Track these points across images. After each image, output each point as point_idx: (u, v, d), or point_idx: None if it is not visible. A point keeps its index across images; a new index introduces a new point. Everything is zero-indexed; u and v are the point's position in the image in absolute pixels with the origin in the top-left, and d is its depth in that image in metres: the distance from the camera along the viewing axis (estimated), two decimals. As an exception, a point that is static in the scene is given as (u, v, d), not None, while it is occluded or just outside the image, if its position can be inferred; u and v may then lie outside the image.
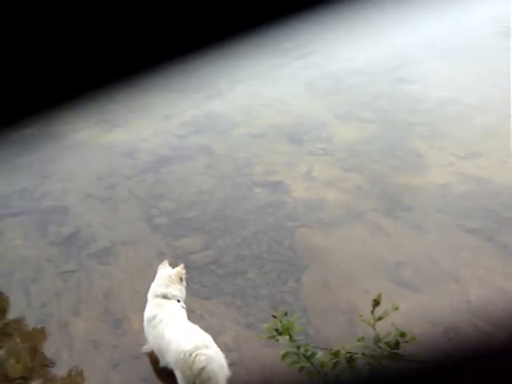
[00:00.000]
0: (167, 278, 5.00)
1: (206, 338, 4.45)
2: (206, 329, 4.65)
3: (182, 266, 5.14)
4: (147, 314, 4.88)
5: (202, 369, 4.22)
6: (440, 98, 9.47)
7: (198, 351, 4.26)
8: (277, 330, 3.04)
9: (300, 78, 11.23)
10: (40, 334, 5.75)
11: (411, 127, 8.83)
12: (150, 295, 5.02)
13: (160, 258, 6.29)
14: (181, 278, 5.05)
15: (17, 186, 8.45)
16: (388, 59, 11.40)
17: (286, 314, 3.08)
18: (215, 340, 4.50)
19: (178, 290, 5.01)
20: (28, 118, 8.59)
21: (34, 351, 5.52)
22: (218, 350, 4.42)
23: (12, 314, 6.06)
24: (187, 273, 5.65)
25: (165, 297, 4.92)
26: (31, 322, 5.90)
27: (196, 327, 4.64)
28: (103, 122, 10.08)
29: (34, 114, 8.52)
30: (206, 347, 4.32)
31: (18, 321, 5.95)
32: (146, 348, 5.06)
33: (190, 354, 4.26)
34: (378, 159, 8.08)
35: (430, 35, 11.74)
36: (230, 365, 4.50)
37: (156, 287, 4.99)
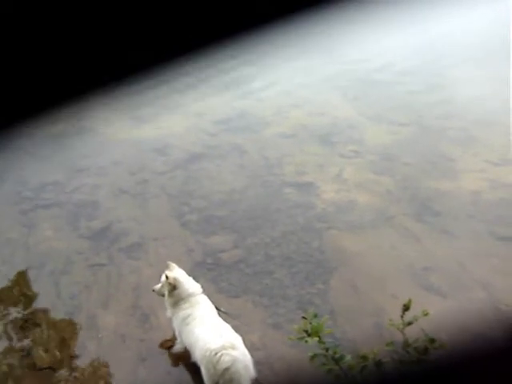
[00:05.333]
0: (183, 279, 5.02)
1: (235, 339, 4.45)
2: (233, 327, 4.66)
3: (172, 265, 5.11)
4: (182, 313, 4.88)
5: (226, 369, 4.23)
6: (474, 102, 9.37)
7: (224, 351, 4.27)
8: (306, 332, 3.05)
9: (333, 79, 11.19)
10: (68, 325, 5.80)
11: (444, 131, 8.76)
12: (171, 300, 5.00)
13: (189, 254, 6.35)
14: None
15: (49, 178, 8.55)
16: (420, 60, 11.33)
17: (315, 316, 3.09)
18: (242, 339, 4.52)
19: (198, 286, 5.06)
20: (63, 113, 8.71)
21: (62, 342, 5.58)
22: (245, 351, 4.42)
23: (41, 305, 6.12)
24: (216, 270, 5.70)
25: (191, 295, 4.96)
26: (60, 314, 5.96)
27: (227, 326, 4.66)
28: (136, 118, 10.15)
29: (68, 109, 8.64)
30: (233, 348, 4.32)
31: (47, 311, 6.02)
32: (178, 348, 5.09)
33: (216, 353, 4.27)
34: (409, 163, 8.03)
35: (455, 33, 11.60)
36: (256, 364, 4.50)
37: (181, 291, 4.99)
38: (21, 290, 6.39)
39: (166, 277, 4.94)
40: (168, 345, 5.28)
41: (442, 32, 11.74)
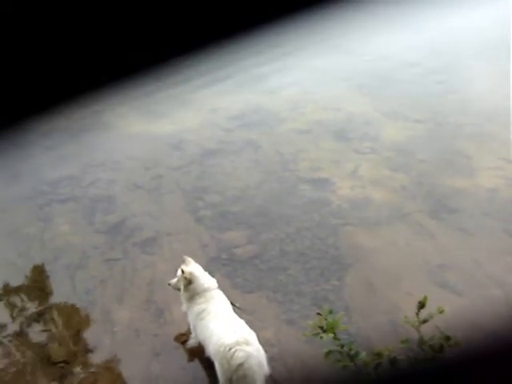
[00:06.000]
0: (198, 274, 5.03)
1: (249, 335, 4.46)
2: (247, 323, 4.67)
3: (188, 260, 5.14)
4: (197, 307, 4.89)
5: (240, 365, 4.24)
6: (490, 99, 9.30)
7: (238, 347, 4.27)
8: (321, 328, 3.04)
9: (348, 75, 11.15)
10: (83, 319, 5.84)
11: (460, 129, 8.71)
12: (187, 294, 5.03)
13: (203, 250, 6.36)
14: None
15: (65, 173, 8.59)
16: (434, 59, 11.25)
17: (330, 312, 3.09)
18: (256, 335, 4.52)
19: (214, 280, 5.07)
20: (78, 108, 8.73)
21: (77, 337, 5.61)
22: (259, 347, 4.42)
23: (57, 299, 6.17)
24: (230, 266, 5.70)
25: (207, 290, 4.97)
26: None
27: (241, 322, 4.67)
28: (151, 113, 10.16)
29: (84, 104, 8.66)
30: (247, 344, 4.32)
31: (62, 306, 6.05)
32: (192, 342, 5.11)
33: (230, 349, 4.28)
34: (424, 160, 7.99)
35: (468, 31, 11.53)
36: (270, 360, 4.50)
37: (197, 286, 5.00)
38: (37, 284, 6.43)
39: (182, 271, 4.95)
40: (183, 339, 5.31)
41: (454, 30, 11.64)
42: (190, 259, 5.11)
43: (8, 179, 8.42)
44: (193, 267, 5.05)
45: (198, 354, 4.98)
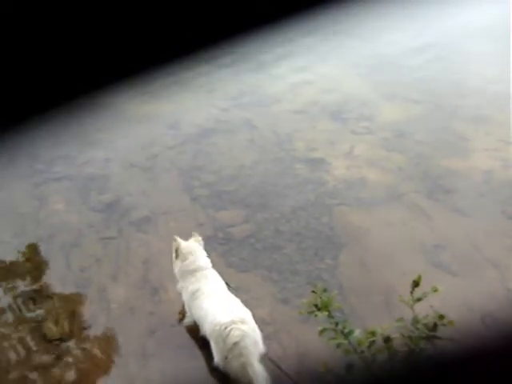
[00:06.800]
0: (192, 252, 5.05)
1: (245, 313, 4.47)
2: (242, 302, 4.69)
3: (196, 236, 5.16)
4: (191, 287, 4.90)
5: (236, 344, 4.24)
6: (487, 82, 9.28)
7: (234, 325, 4.28)
8: (316, 306, 3.05)
9: (346, 56, 11.10)
10: (78, 297, 5.85)
11: (457, 110, 8.68)
12: (179, 272, 5.07)
13: (199, 229, 6.34)
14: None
15: (60, 152, 8.57)
16: (433, 41, 11.20)
17: (325, 290, 3.10)
18: (251, 313, 4.54)
19: (207, 260, 5.09)
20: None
21: (72, 314, 5.63)
22: (255, 326, 4.44)
23: (52, 277, 6.17)
24: (226, 245, 5.71)
25: (198, 270, 4.97)
26: (70, 286, 6.00)
27: (237, 300, 4.68)
28: (147, 93, 10.10)
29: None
30: (243, 322, 4.33)
31: (57, 284, 6.06)
32: (187, 321, 5.12)
33: (226, 328, 4.29)
34: (421, 140, 7.98)
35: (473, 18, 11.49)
36: (265, 338, 4.52)
37: (188, 264, 5.02)
38: (31, 262, 6.43)
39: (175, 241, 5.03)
40: (179, 317, 5.32)
41: (457, 17, 11.59)
42: (199, 238, 5.19)
43: (3, 158, 8.39)
44: (191, 243, 5.08)
45: (194, 332, 4.99)
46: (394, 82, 9.87)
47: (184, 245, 5.06)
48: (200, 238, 5.20)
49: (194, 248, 5.08)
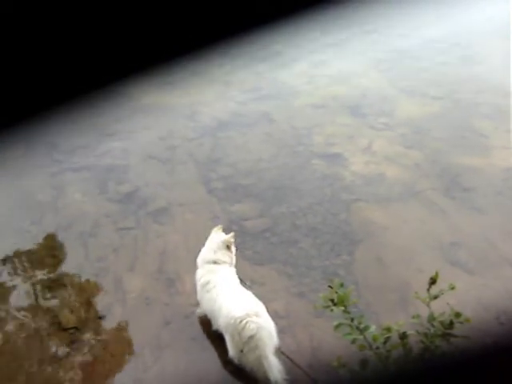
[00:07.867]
0: (217, 244, 5.06)
1: (259, 307, 4.47)
2: (257, 295, 4.69)
3: (232, 234, 5.16)
4: (201, 279, 4.93)
5: (251, 337, 4.25)
6: (508, 78, 9.18)
7: (249, 319, 4.29)
8: (332, 301, 3.05)
9: (366, 52, 11.08)
10: (95, 287, 5.88)
11: (477, 107, 8.63)
12: (199, 260, 5.09)
13: (215, 221, 6.36)
14: (228, 246, 5.06)
15: (79, 142, 8.62)
16: (453, 37, 11.14)
17: (341, 286, 3.09)
18: (265, 307, 4.54)
19: (228, 257, 5.06)
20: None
21: (88, 303, 5.66)
22: (269, 319, 4.44)
23: (69, 267, 6.20)
24: (241, 238, 5.69)
25: (215, 262, 4.98)
26: (87, 275, 6.03)
27: (250, 294, 4.68)
28: (167, 85, 10.13)
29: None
30: (257, 315, 4.34)
31: (74, 273, 6.10)
32: (199, 312, 5.12)
33: (241, 321, 4.30)
34: (440, 137, 7.94)
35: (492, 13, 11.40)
36: (279, 332, 4.51)
37: (206, 253, 5.05)
38: (49, 251, 6.48)
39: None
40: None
41: (476, 11, 11.50)
42: (220, 231, 5.25)
43: (22, 147, 8.45)
44: (214, 236, 5.16)
45: (208, 325, 5.00)
46: (413, 78, 9.84)
47: (213, 234, 5.15)
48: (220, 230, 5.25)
49: (215, 240, 5.11)
